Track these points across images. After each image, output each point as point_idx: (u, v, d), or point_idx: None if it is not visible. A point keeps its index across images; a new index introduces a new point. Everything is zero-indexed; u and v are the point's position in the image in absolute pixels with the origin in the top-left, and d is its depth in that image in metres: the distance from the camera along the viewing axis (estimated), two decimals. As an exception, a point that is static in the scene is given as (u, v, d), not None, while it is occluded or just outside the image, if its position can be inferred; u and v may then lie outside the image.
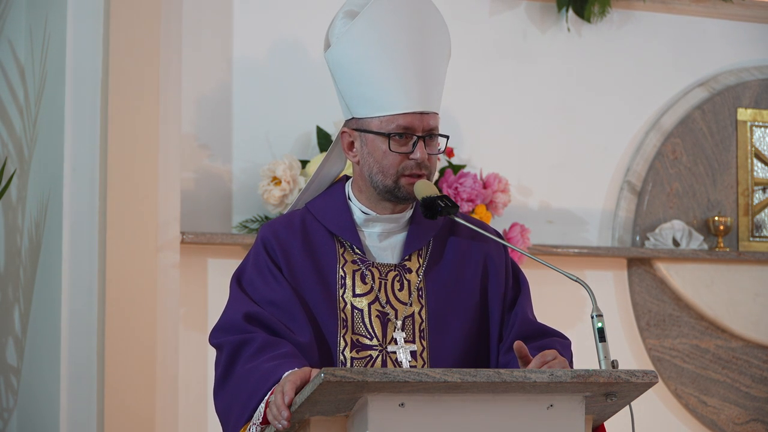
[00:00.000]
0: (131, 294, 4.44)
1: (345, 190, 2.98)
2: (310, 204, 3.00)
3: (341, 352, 2.84)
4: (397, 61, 2.84)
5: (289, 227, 2.94)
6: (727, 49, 5.68)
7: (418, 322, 2.88)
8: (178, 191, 4.62)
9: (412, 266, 2.93)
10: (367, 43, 2.86)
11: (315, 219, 2.95)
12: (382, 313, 2.87)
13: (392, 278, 2.91)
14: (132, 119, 4.49)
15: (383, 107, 2.84)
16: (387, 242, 2.94)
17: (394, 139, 2.84)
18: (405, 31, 2.86)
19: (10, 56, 4.73)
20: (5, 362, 4.66)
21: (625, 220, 5.43)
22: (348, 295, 2.88)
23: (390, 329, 2.87)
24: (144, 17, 4.52)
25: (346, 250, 2.92)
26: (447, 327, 2.89)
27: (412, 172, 2.86)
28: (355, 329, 2.85)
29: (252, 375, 2.72)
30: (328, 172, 3.05)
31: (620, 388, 2.59)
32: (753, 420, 5.55)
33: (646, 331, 5.41)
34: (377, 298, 2.88)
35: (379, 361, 2.84)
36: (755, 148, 5.66)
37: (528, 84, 5.35)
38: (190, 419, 4.69)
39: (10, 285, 4.68)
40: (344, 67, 2.90)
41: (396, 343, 2.86)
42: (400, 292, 2.90)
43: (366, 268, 2.90)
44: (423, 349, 2.87)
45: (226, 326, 2.85)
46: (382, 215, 2.93)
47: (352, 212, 2.94)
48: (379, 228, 2.93)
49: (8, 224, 4.70)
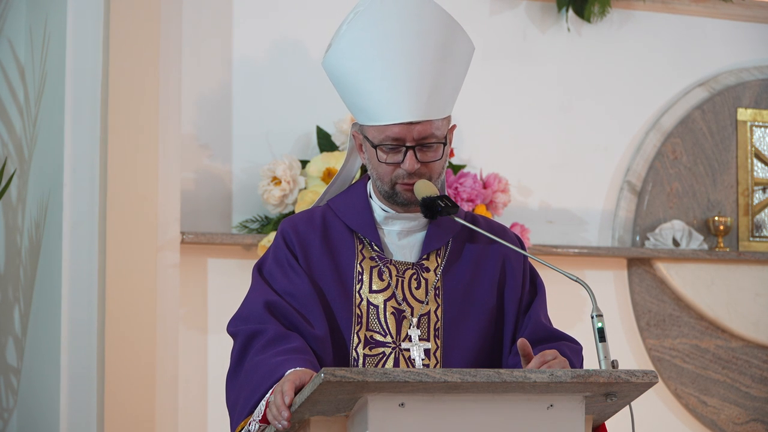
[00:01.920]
0: (131, 294, 4.44)
1: (366, 188, 2.98)
2: (331, 201, 3.00)
3: (354, 349, 2.84)
4: (386, 71, 2.81)
5: (309, 222, 2.95)
6: (727, 49, 5.68)
7: (434, 320, 2.89)
8: (178, 191, 4.62)
9: (430, 265, 2.93)
10: (356, 53, 2.84)
11: (335, 215, 2.96)
12: (397, 310, 2.88)
13: (409, 276, 2.91)
14: (132, 119, 4.49)
15: (373, 117, 2.84)
16: (406, 241, 2.94)
17: (381, 149, 2.84)
18: (396, 39, 2.83)
19: (10, 56, 4.73)
20: (5, 362, 4.66)
21: (625, 220, 5.43)
22: (364, 291, 2.88)
23: (405, 326, 2.87)
24: (144, 17, 4.52)
25: (365, 247, 2.92)
26: (462, 327, 2.89)
27: (404, 181, 2.85)
28: (369, 325, 2.86)
29: (258, 369, 2.72)
30: (350, 169, 3.07)
31: (620, 388, 2.59)
32: (753, 420, 5.55)
33: (646, 331, 5.41)
34: (393, 295, 2.89)
35: (392, 358, 2.85)
36: (755, 148, 5.66)
37: (528, 84, 5.35)
38: (190, 419, 4.69)
39: (10, 285, 4.68)
40: (337, 77, 2.91)
41: (410, 341, 2.86)
42: (416, 291, 2.90)
43: (384, 265, 2.90)
44: (437, 348, 2.87)
45: (244, 315, 2.86)
46: (401, 213, 2.93)
47: (372, 210, 2.95)
48: (399, 226, 2.93)
49: (8, 224, 4.70)
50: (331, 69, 2.91)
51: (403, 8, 2.86)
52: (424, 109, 2.82)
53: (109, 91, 4.47)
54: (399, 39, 2.83)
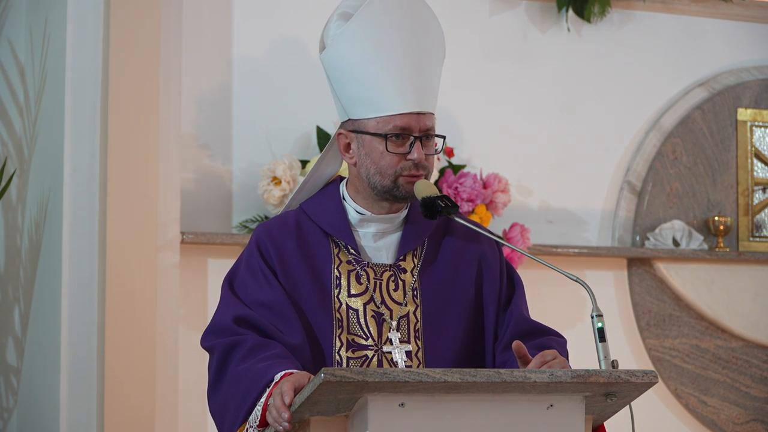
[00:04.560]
0: (131, 294, 4.44)
1: (340, 191, 2.98)
2: (304, 204, 3.00)
3: (337, 352, 2.84)
4: (392, 62, 2.83)
5: (284, 227, 2.94)
6: (727, 49, 5.68)
7: (413, 322, 2.88)
8: (178, 191, 4.62)
9: (406, 266, 2.93)
10: (362, 44, 2.85)
11: (309, 219, 2.95)
12: (377, 313, 2.88)
13: (387, 278, 2.91)
14: (132, 119, 4.48)
15: (379, 108, 2.84)
16: (382, 242, 2.94)
17: (390, 140, 2.84)
18: (399, 32, 2.86)
19: (10, 56, 4.73)
20: (5, 362, 4.66)
21: (625, 220, 5.43)
22: (343, 296, 2.88)
23: (385, 329, 2.87)
24: (144, 17, 4.52)
25: (341, 251, 2.92)
26: (442, 327, 2.89)
27: (410, 172, 2.85)
28: (350, 329, 2.85)
29: (244, 376, 2.71)
30: (323, 172, 3.05)
31: (620, 388, 2.59)
32: (753, 420, 5.55)
33: (646, 331, 5.41)
34: (372, 299, 2.88)
35: (374, 361, 2.84)
36: (755, 148, 5.66)
37: (528, 84, 5.35)
38: (190, 419, 4.69)
39: (10, 285, 4.68)
40: (339, 69, 2.90)
41: (391, 344, 2.86)
42: (395, 292, 2.90)
43: (361, 268, 2.90)
44: (418, 349, 2.87)
45: (216, 329, 2.85)
46: (377, 215, 2.92)
47: (346, 212, 2.94)
48: (374, 228, 2.93)
49: (8, 224, 4.70)
50: (333, 61, 2.91)
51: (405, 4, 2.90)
52: (428, 101, 2.86)
53: (109, 91, 4.47)
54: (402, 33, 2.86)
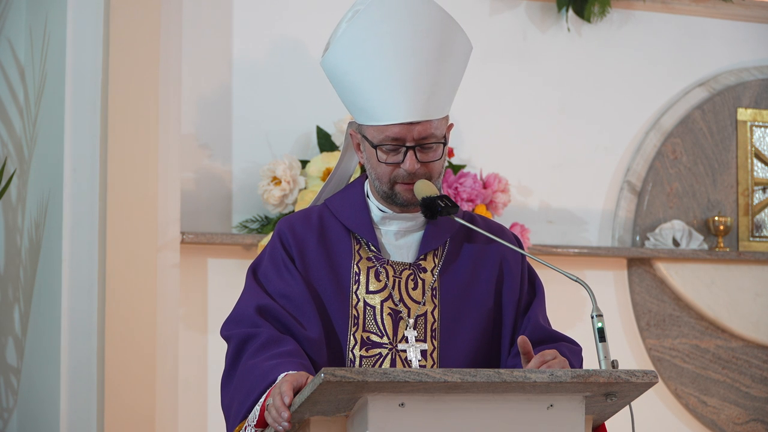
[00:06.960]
0: (131, 294, 4.44)
1: (364, 188, 2.97)
2: (328, 200, 2.99)
3: (350, 350, 2.83)
4: (385, 71, 2.80)
5: (306, 222, 2.94)
6: (727, 49, 5.68)
7: (431, 321, 2.88)
8: (178, 191, 4.62)
9: (427, 266, 2.92)
10: (355, 53, 2.83)
11: (332, 215, 2.95)
12: (394, 311, 2.87)
13: (406, 277, 2.90)
14: (132, 119, 4.49)
15: (372, 117, 2.83)
16: (403, 241, 2.93)
17: (381, 149, 2.83)
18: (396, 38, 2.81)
19: (10, 56, 4.73)
20: (5, 362, 4.66)
21: (625, 220, 5.43)
22: (361, 292, 2.87)
23: (402, 327, 2.86)
24: (144, 17, 4.52)
25: (362, 247, 2.91)
26: (459, 328, 2.88)
27: (404, 181, 2.84)
28: (366, 326, 2.85)
29: (251, 373, 2.72)
30: (346, 168, 3.06)
31: (620, 388, 2.59)
32: (753, 420, 5.55)
33: (646, 331, 5.41)
34: (390, 296, 2.87)
35: (388, 359, 2.83)
36: (755, 148, 5.66)
37: (528, 84, 5.35)
38: (190, 419, 4.69)
39: (10, 285, 4.68)
40: (336, 77, 2.89)
41: (407, 342, 2.85)
42: (413, 291, 2.89)
43: (381, 265, 2.89)
44: (434, 349, 2.86)
45: (237, 318, 2.85)
46: (398, 213, 2.92)
47: (369, 210, 2.93)
48: (396, 226, 2.92)
49: (8, 224, 4.70)
50: (330, 68, 2.90)
51: (402, 7, 2.85)
52: (424, 108, 2.81)
53: (109, 91, 4.47)
54: (398, 38, 2.82)
